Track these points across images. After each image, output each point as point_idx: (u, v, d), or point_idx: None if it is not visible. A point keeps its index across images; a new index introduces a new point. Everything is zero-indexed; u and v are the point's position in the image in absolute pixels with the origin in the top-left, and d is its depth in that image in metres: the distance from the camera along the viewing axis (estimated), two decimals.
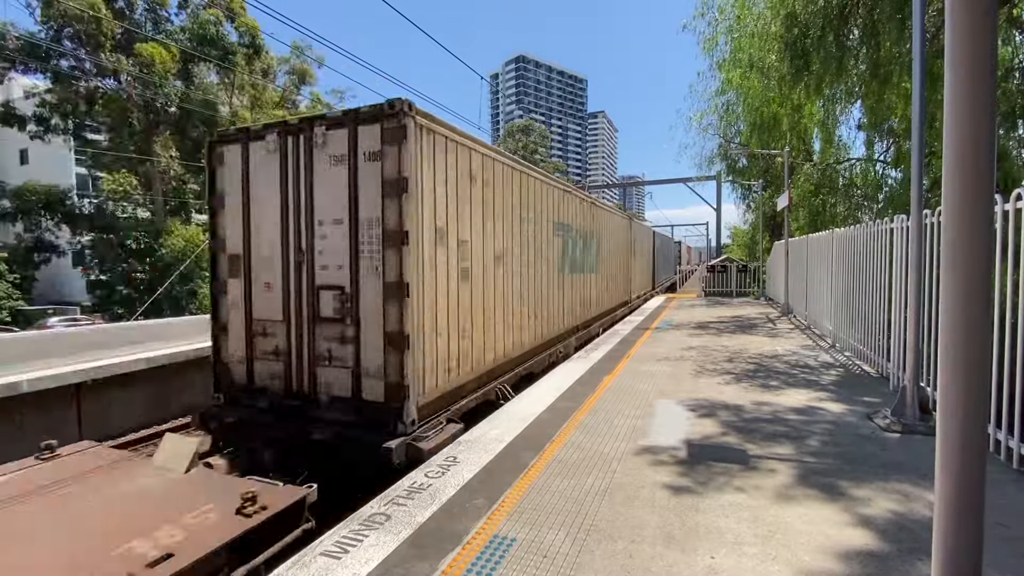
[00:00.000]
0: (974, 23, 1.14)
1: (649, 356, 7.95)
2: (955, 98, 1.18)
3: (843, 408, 5.15)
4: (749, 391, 5.83)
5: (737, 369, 6.97)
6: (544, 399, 5.61)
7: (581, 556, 2.66)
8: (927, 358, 4.94)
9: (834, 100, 12.63)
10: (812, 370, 6.89)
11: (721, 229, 30.32)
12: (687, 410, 5.13)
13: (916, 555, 2.62)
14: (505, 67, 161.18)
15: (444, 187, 5.24)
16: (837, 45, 9.46)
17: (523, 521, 3.02)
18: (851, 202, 15.28)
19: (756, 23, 11.42)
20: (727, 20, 13.27)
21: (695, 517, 3.04)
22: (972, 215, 1.17)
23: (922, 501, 3.19)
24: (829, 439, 4.30)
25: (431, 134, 4.99)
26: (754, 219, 24.07)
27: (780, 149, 14.88)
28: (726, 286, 21.26)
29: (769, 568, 2.54)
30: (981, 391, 1.19)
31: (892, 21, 8.48)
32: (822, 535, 2.83)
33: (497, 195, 6.54)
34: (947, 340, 1.22)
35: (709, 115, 18.19)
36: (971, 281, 1.18)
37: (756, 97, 13.60)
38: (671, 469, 3.73)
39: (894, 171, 14.10)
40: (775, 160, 17.60)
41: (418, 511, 3.15)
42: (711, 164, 21.84)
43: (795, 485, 3.45)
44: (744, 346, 8.76)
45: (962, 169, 1.18)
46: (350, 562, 2.64)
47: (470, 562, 2.63)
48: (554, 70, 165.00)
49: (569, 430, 4.59)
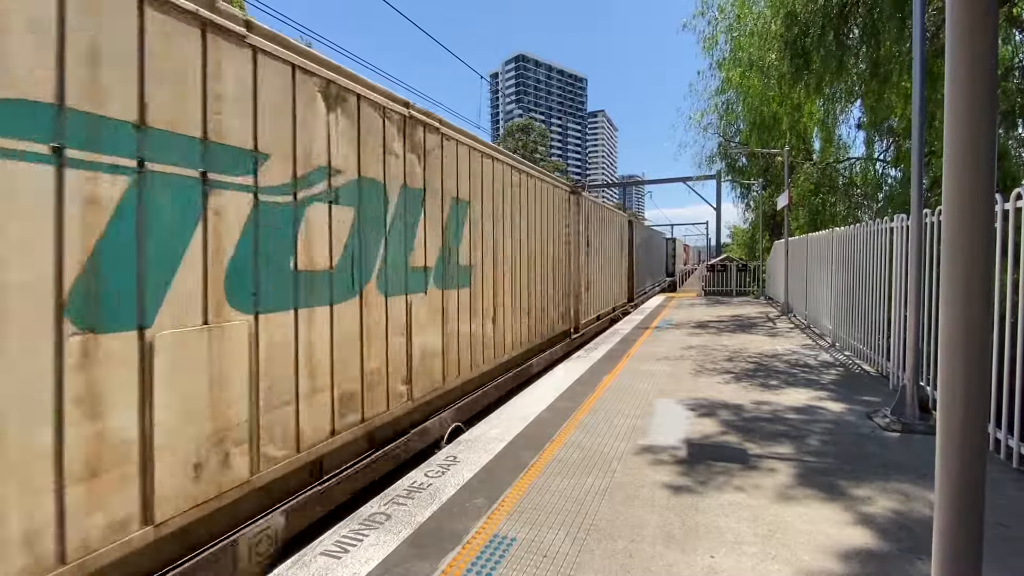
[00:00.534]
0: (974, 22, 1.14)
1: (649, 355, 7.95)
2: (955, 97, 1.18)
3: (843, 407, 5.16)
4: (749, 390, 5.83)
5: (737, 368, 6.97)
6: (544, 398, 5.61)
7: (581, 556, 2.66)
8: (927, 357, 4.94)
9: (834, 99, 12.63)
10: (812, 369, 6.89)
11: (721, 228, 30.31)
12: (687, 409, 5.13)
13: (916, 554, 2.62)
14: (505, 66, 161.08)
15: None
16: (837, 44, 9.46)
17: (523, 521, 3.02)
18: (851, 201, 15.29)
19: (756, 22, 11.42)
20: (727, 19, 13.28)
21: (695, 516, 3.04)
22: (972, 214, 1.17)
23: (922, 500, 3.19)
24: (829, 438, 4.30)
25: None
26: (754, 218, 24.05)
27: (780, 148, 14.88)
28: (726, 285, 21.26)
29: (769, 567, 2.54)
30: (981, 390, 1.19)
31: (892, 20, 8.48)
32: (822, 534, 2.83)
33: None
34: (947, 339, 1.22)
35: (709, 114, 18.20)
36: (971, 280, 1.18)
37: (756, 96, 13.60)
38: (671, 468, 3.73)
39: (894, 170, 14.11)
40: (775, 159, 17.59)
41: (418, 510, 3.15)
42: (711, 163, 21.83)
43: (795, 484, 3.45)
44: (744, 345, 8.76)
45: (962, 168, 1.17)
46: (350, 561, 2.64)
47: (470, 561, 2.63)
48: (554, 69, 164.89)
49: (569, 429, 4.59)
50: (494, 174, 6.49)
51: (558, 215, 9.18)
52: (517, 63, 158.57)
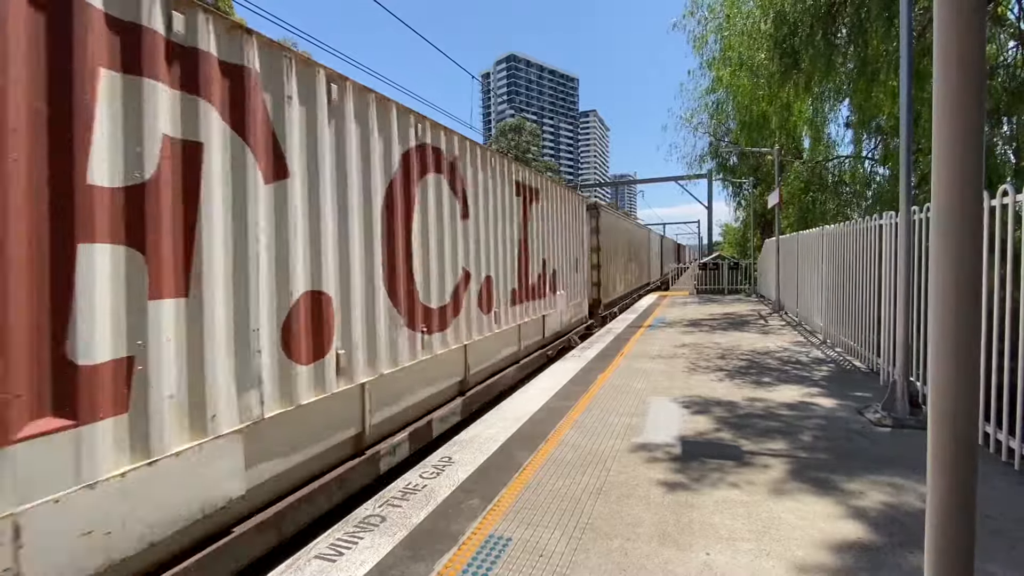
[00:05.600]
0: (961, 21, 1.15)
1: (642, 354, 7.97)
2: (943, 95, 1.19)
3: (835, 403, 5.20)
4: (742, 387, 5.86)
5: (730, 366, 7.01)
6: (538, 398, 5.61)
7: (576, 554, 2.66)
8: (916, 353, 4.99)
9: (823, 98, 12.74)
10: (804, 366, 6.94)
11: (712, 227, 30.43)
12: (681, 407, 5.15)
13: (907, 548, 2.65)
14: (496, 66, 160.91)
15: None
16: (825, 43, 9.54)
17: (518, 520, 3.02)
18: (840, 199, 15.43)
19: (746, 21, 11.48)
20: (717, 19, 13.34)
21: (690, 514, 3.05)
22: (960, 211, 1.18)
23: (913, 494, 3.22)
24: (821, 434, 4.34)
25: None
26: (745, 217, 24.23)
27: (770, 147, 14.99)
28: (718, 283, 21.39)
29: (763, 563, 2.56)
30: (971, 385, 1.21)
31: (879, 19, 8.57)
32: (815, 529, 2.85)
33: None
34: (936, 335, 1.23)
35: (700, 114, 18.33)
36: (959, 276, 1.19)
37: (746, 95, 13.68)
38: (666, 466, 3.74)
39: (882, 168, 14.26)
40: (765, 158, 17.72)
41: (413, 512, 3.14)
42: (702, 162, 22.00)
43: (788, 480, 3.47)
44: (736, 343, 8.81)
45: (950, 165, 1.19)
46: (345, 564, 2.63)
47: (466, 562, 2.62)
48: (545, 69, 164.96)
49: (564, 428, 4.59)
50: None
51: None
52: (509, 63, 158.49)
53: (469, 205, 6.05)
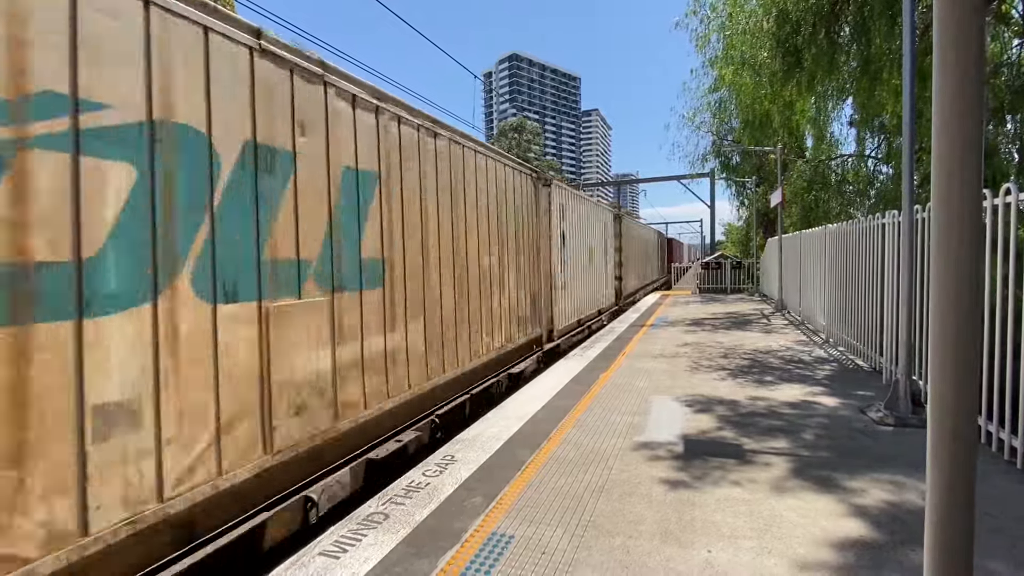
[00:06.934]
0: (961, 19, 1.16)
1: (645, 353, 7.98)
2: (943, 94, 1.19)
3: (837, 402, 5.20)
4: (744, 386, 5.86)
5: (732, 365, 7.01)
6: (541, 397, 5.62)
7: (579, 552, 2.68)
8: (919, 352, 4.99)
9: (825, 97, 12.70)
10: (806, 365, 6.94)
11: (715, 226, 30.37)
12: (683, 406, 5.16)
13: (909, 546, 2.65)
14: (499, 66, 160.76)
15: None
16: (828, 42, 9.52)
17: (521, 518, 3.03)
18: (843, 198, 15.40)
19: (748, 20, 11.46)
20: (719, 17, 13.31)
21: (692, 511, 3.06)
22: (961, 210, 1.19)
23: (915, 492, 3.22)
24: (823, 433, 4.34)
25: None
26: (748, 216, 24.18)
27: (773, 146, 14.96)
28: (720, 283, 21.36)
29: (765, 561, 2.57)
30: (971, 384, 1.21)
31: (882, 18, 8.55)
32: (817, 527, 2.86)
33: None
34: (937, 334, 1.24)
35: (702, 112, 18.31)
36: (961, 275, 1.19)
37: (748, 94, 13.66)
38: (668, 464, 3.75)
39: (885, 167, 14.23)
40: (768, 157, 17.68)
41: (416, 510, 3.16)
42: (705, 161, 21.96)
43: (790, 478, 3.48)
44: (739, 342, 8.81)
45: (951, 165, 1.19)
46: (349, 561, 2.65)
47: (468, 560, 2.64)
48: (547, 68, 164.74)
49: (566, 427, 4.61)
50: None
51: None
52: (511, 62, 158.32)
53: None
